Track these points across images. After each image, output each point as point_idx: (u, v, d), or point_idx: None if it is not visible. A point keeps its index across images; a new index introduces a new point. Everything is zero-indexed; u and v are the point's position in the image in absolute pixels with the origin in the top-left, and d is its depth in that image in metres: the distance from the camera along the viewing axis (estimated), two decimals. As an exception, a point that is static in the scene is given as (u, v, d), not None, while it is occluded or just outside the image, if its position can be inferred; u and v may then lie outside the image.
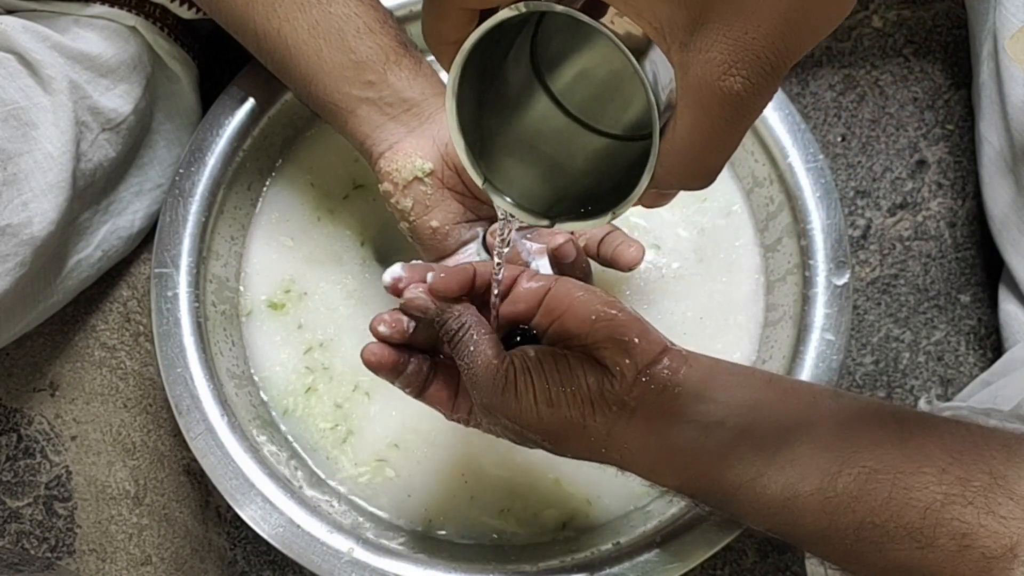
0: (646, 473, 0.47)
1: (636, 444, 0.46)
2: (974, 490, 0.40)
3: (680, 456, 0.46)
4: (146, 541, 0.70)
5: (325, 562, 0.56)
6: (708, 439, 0.45)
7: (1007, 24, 0.63)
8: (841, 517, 0.42)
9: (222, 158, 0.63)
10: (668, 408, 0.46)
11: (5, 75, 0.58)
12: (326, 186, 0.67)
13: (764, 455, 0.44)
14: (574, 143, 0.40)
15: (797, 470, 0.44)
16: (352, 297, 0.65)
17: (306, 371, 0.64)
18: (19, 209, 0.57)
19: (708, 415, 0.46)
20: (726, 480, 0.45)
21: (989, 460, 0.41)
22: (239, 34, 0.59)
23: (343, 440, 0.62)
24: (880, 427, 0.44)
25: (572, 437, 0.47)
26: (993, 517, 0.39)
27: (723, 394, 0.46)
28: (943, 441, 0.42)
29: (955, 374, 0.72)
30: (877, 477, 0.42)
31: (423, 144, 0.56)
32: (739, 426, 0.45)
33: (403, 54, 0.56)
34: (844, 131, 0.76)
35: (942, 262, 0.73)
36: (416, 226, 0.57)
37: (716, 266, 0.66)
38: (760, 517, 0.45)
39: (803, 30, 0.30)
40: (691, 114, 0.31)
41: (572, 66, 0.39)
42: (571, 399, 0.46)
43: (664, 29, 0.31)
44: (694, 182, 0.34)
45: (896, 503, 0.41)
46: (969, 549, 0.39)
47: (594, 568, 0.55)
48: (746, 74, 0.30)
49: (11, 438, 0.71)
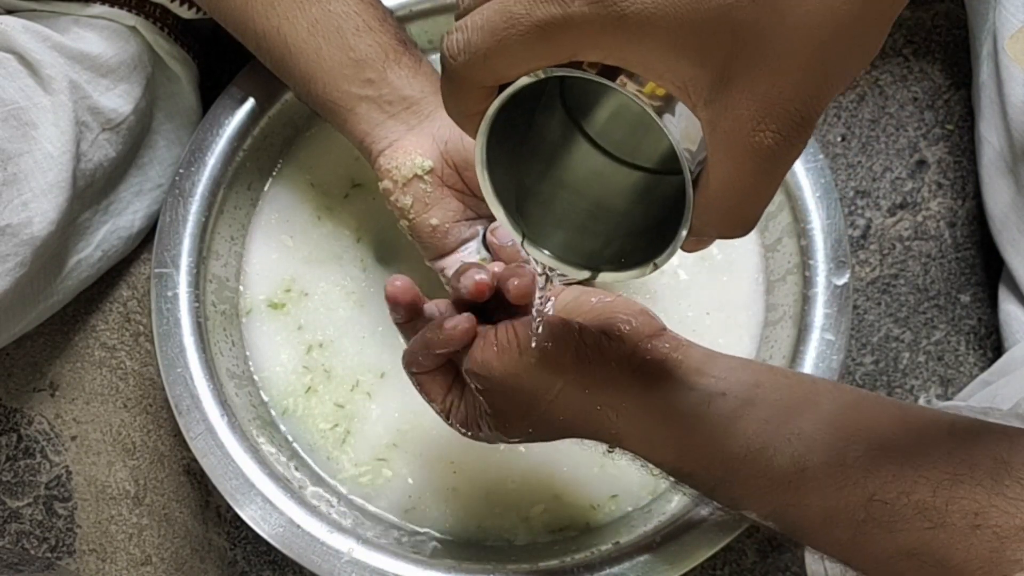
0: (642, 444, 0.46)
1: (635, 404, 0.45)
2: (982, 472, 0.39)
3: (681, 422, 0.45)
4: (146, 541, 0.70)
5: (325, 562, 0.56)
6: (711, 407, 0.44)
7: (1007, 24, 0.63)
8: (851, 492, 0.41)
9: (222, 158, 0.63)
10: (670, 374, 0.45)
11: (5, 75, 0.58)
12: (326, 186, 0.67)
13: (769, 427, 0.43)
14: (613, 182, 0.40)
15: (804, 443, 0.42)
16: (352, 297, 0.65)
17: (306, 371, 0.64)
18: (19, 209, 0.57)
19: (710, 387, 0.45)
20: (729, 450, 0.44)
21: (993, 446, 0.40)
22: (239, 33, 0.59)
23: (343, 440, 0.62)
24: (882, 411, 0.43)
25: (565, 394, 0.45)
26: (1002, 498, 0.38)
27: (724, 372, 0.46)
28: (945, 427, 0.42)
29: (955, 374, 0.72)
30: (886, 453, 0.41)
31: (423, 142, 0.55)
32: (742, 398, 0.44)
33: (403, 52, 0.56)
34: (844, 131, 0.76)
35: (942, 262, 0.73)
36: (416, 224, 0.57)
37: (716, 266, 0.66)
38: (764, 495, 0.44)
39: (829, 78, 0.29)
40: (724, 168, 0.31)
41: (604, 108, 0.39)
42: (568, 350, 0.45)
43: (688, 89, 0.30)
44: (732, 231, 0.34)
45: (906, 479, 0.40)
46: (981, 528, 0.38)
47: (594, 568, 0.55)
48: (776, 127, 0.29)
49: (11, 438, 0.71)
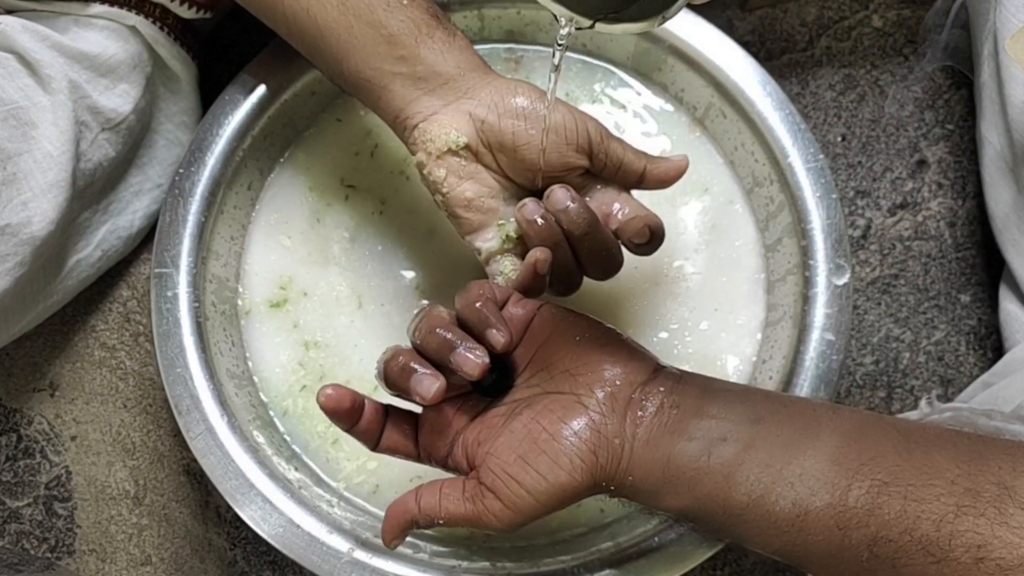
0: (649, 498, 0.46)
1: (639, 471, 0.45)
2: (985, 501, 0.39)
3: (684, 477, 0.45)
4: (146, 541, 0.70)
5: (325, 562, 0.56)
6: (712, 458, 0.44)
7: (1007, 24, 0.63)
8: (854, 533, 0.41)
9: (222, 158, 0.63)
10: (668, 428, 0.45)
11: (5, 75, 0.58)
12: (326, 186, 0.67)
13: (771, 471, 0.43)
14: None
15: (807, 485, 0.42)
16: (351, 297, 0.65)
17: (305, 372, 0.64)
18: (18, 209, 0.57)
19: (710, 431, 0.44)
20: (733, 500, 0.44)
21: (996, 471, 0.40)
22: (268, 18, 0.58)
23: (343, 441, 0.62)
24: (884, 438, 0.43)
25: (578, 488, 0.46)
26: (1006, 528, 0.38)
27: (723, 410, 0.45)
28: (947, 452, 0.42)
29: (955, 374, 0.72)
30: (888, 490, 0.41)
31: (459, 119, 0.54)
32: (742, 441, 0.44)
33: (435, 26, 0.54)
34: (844, 131, 0.76)
35: (942, 262, 0.73)
36: (450, 198, 0.55)
37: (716, 266, 0.66)
38: (769, 537, 0.44)
39: None
40: None
41: None
42: (566, 465, 0.45)
43: None
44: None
45: (909, 516, 0.40)
46: (985, 561, 0.38)
47: (594, 568, 0.55)
48: None
49: (11, 438, 0.71)
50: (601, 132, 0.54)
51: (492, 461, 0.46)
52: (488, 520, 0.46)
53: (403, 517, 0.48)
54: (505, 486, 0.45)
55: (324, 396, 0.48)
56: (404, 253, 0.66)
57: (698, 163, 0.67)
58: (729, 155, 0.67)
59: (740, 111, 0.65)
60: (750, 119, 0.64)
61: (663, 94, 0.69)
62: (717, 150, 0.68)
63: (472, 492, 0.46)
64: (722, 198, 0.67)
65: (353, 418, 0.49)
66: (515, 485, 0.45)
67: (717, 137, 0.68)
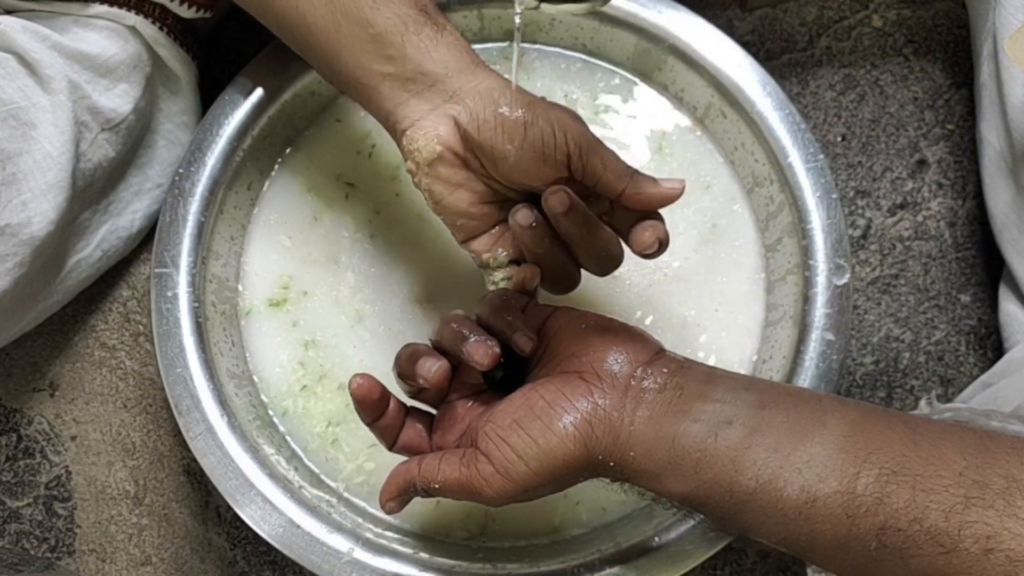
0: (653, 481, 0.46)
1: (640, 448, 0.45)
2: (993, 493, 0.39)
3: (689, 459, 0.44)
4: (146, 541, 0.70)
5: (325, 562, 0.56)
6: (718, 440, 0.44)
7: (1006, 24, 0.63)
8: (862, 521, 0.41)
9: (222, 158, 0.63)
10: (672, 407, 0.45)
11: (4, 75, 0.58)
12: (325, 186, 0.67)
13: (778, 456, 0.43)
14: None
15: (815, 471, 0.42)
16: (351, 298, 0.65)
17: (305, 372, 0.64)
18: (18, 209, 0.57)
19: (715, 414, 0.44)
20: (740, 484, 0.43)
21: (1003, 464, 0.40)
22: (260, 15, 0.57)
23: (342, 440, 0.62)
24: (890, 429, 0.43)
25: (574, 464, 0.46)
26: (1015, 520, 0.38)
27: (727, 395, 0.45)
28: (954, 445, 0.41)
29: (955, 374, 0.72)
30: (897, 479, 0.41)
31: (444, 124, 0.53)
32: (749, 426, 0.44)
33: (423, 22, 0.53)
34: (844, 131, 0.76)
35: (942, 262, 0.73)
36: (444, 206, 0.54)
37: (716, 266, 0.66)
38: (775, 525, 0.43)
39: None
40: None
41: None
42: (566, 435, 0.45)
43: None
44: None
45: (918, 506, 0.40)
46: (994, 552, 0.38)
47: (594, 568, 0.55)
48: None
49: (11, 438, 0.71)
50: (582, 146, 0.51)
51: (488, 427, 0.46)
52: (479, 485, 0.46)
53: (403, 478, 0.49)
54: (497, 448, 0.45)
55: (355, 384, 0.48)
56: (404, 253, 0.66)
57: (698, 163, 0.67)
58: (729, 155, 0.67)
59: (740, 111, 0.65)
60: (750, 119, 0.64)
61: (663, 94, 0.69)
62: (717, 150, 0.68)
63: (468, 457, 0.47)
64: (722, 198, 0.67)
65: (379, 411, 0.49)
66: (506, 448, 0.45)
67: (717, 137, 0.68)
